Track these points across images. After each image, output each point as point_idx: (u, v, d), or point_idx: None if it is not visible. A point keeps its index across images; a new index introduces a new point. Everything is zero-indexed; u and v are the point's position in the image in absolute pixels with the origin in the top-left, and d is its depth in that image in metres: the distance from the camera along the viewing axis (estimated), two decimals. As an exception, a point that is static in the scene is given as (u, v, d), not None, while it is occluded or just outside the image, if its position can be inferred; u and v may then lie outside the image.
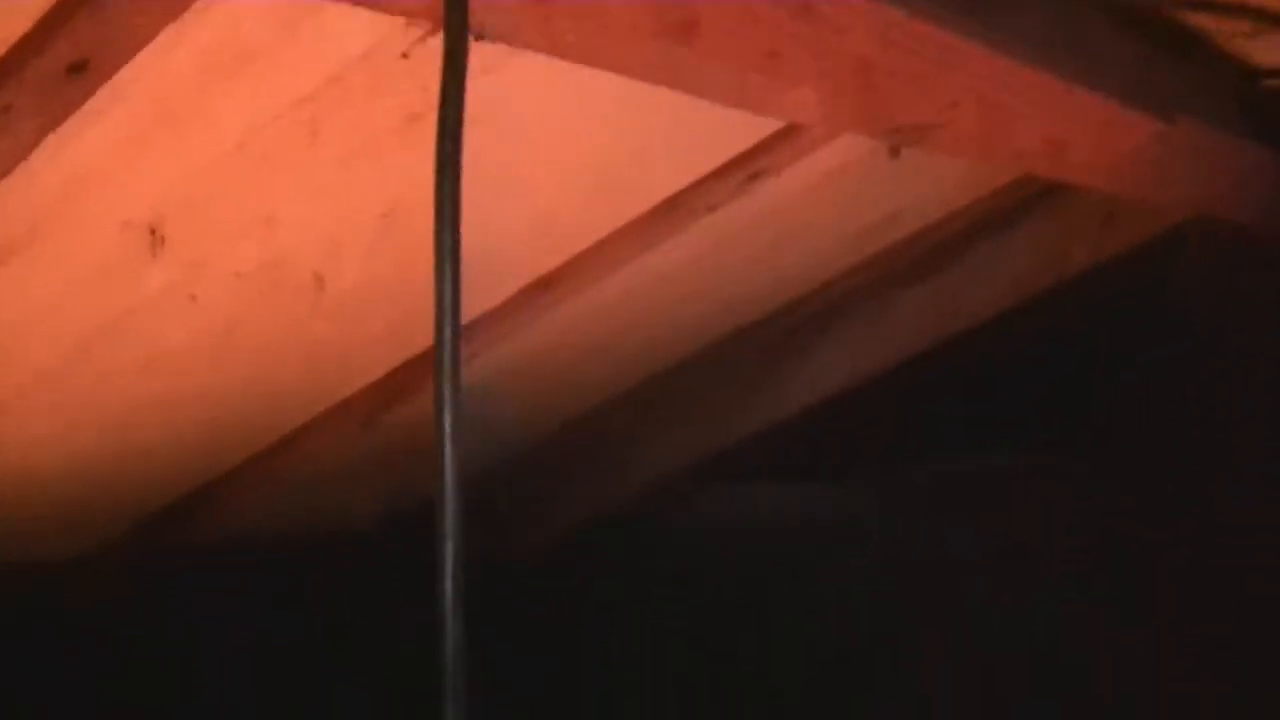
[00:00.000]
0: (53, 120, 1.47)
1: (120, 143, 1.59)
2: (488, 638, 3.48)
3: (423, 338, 2.45)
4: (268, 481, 2.76)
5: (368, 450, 2.77)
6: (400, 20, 1.58)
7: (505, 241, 2.22)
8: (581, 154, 2.08)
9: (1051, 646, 3.18)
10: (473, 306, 2.40)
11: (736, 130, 2.12)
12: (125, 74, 1.44)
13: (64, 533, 2.86)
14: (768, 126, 2.09)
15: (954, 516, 3.24)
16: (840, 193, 2.48)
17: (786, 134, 2.10)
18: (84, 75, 1.40)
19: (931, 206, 2.78)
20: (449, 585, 1.34)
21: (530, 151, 2.02)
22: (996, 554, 3.23)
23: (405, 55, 1.65)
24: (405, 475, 3.17)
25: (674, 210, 2.26)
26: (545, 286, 2.37)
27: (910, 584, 3.23)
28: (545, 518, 3.45)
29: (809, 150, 2.15)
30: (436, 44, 1.40)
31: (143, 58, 1.43)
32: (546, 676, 3.47)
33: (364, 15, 1.46)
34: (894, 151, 2.11)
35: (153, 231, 1.74)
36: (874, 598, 3.25)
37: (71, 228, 1.69)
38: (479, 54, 1.41)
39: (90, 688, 3.10)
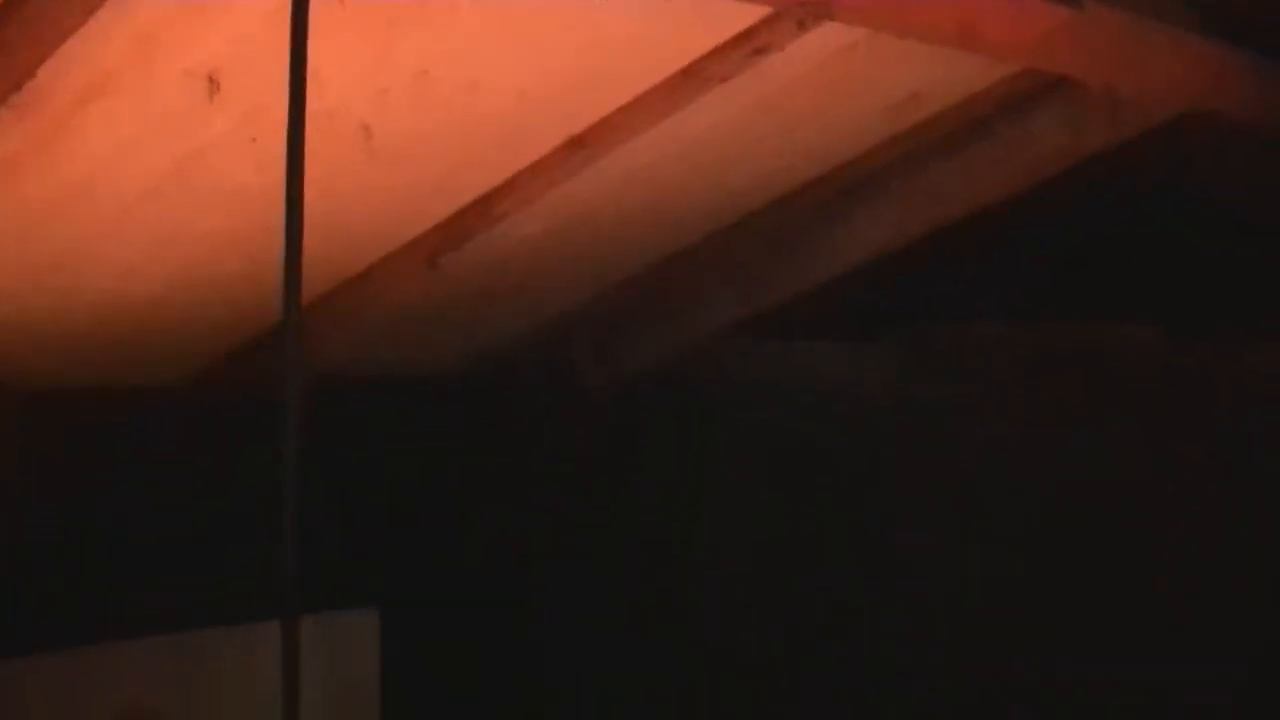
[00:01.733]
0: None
1: None
2: (556, 465, 3.79)
3: (471, 189, 2.77)
4: (342, 320, 3.07)
5: (433, 292, 3.06)
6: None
7: (537, 103, 2.50)
8: (600, 25, 2.35)
9: (1068, 498, 3.39)
10: (509, 163, 2.70)
11: (739, 11, 2.38)
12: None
13: (163, 361, 3.18)
14: (764, 10, 2.35)
15: (975, 376, 3.47)
16: (851, 73, 2.72)
17: (780, 16, 2.36)
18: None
19: (950, 90, 3.02)
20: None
21: (555, 21, 2.30)
22: (1019, 411, 3.45)
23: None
24: (474, 321, 3.48)
25: (689, 79, 2.53)
26: (579, 145, 2.64)
27: (933, 433, 3.48)
28: (612, 362, 3.74)
29: (803, 30, 2.40)
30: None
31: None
32: (607, 505, 3.76)
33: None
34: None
35: (210, 79, 2.04)
36: (901, 447, 3.51)
37: (141, 74, 2.00)
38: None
39: (174, 510, 3.41)
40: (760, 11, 2.35)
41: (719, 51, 2.48)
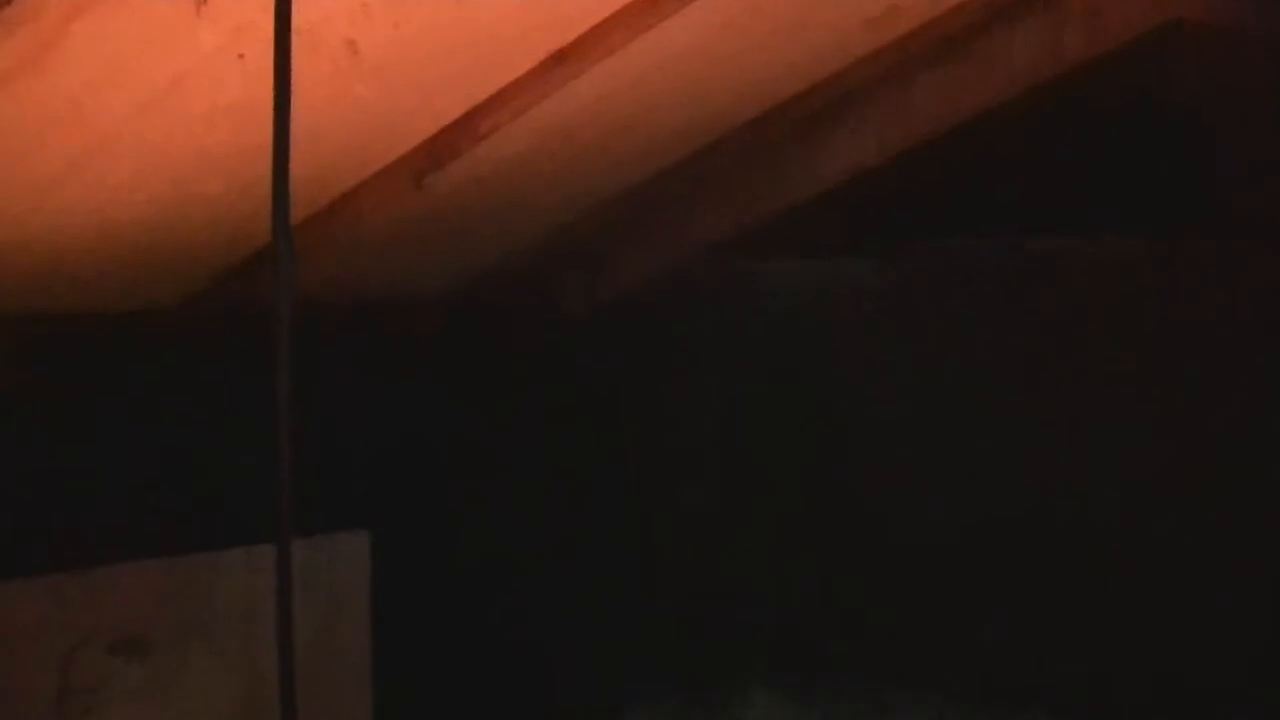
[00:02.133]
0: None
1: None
2: (541, 388, 3.79)
3: (455, 106, 2.77)
4: (329, 242, 3.08)
5: (419, 213, 3.07)
6: None
7: (520, 17, 2.50)
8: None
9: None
10: (493, 79, 2.71)
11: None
12: None
13: (149, 284, 3.19)
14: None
15: (957, 291, 3.50)
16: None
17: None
18: None
19: (930, 3, 3.03)
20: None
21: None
22: (1000, 325, 3.48)
23: None
24: (461, 243, 3.49)
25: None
26: (561, 59, 2.65)
27: (915, 348, 3.50)
28: (597, 283, 3.76)
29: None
30: None
31: None
32: (601, 419, 3.79)
33: None
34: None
35: (196, -8, 2.05)
36: (883, 362, 3.54)
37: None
38: None
39: (166, 435, 3.43)
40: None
41: (700, -37, 2.49)
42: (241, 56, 2.25)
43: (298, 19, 1.94)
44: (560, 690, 3.78)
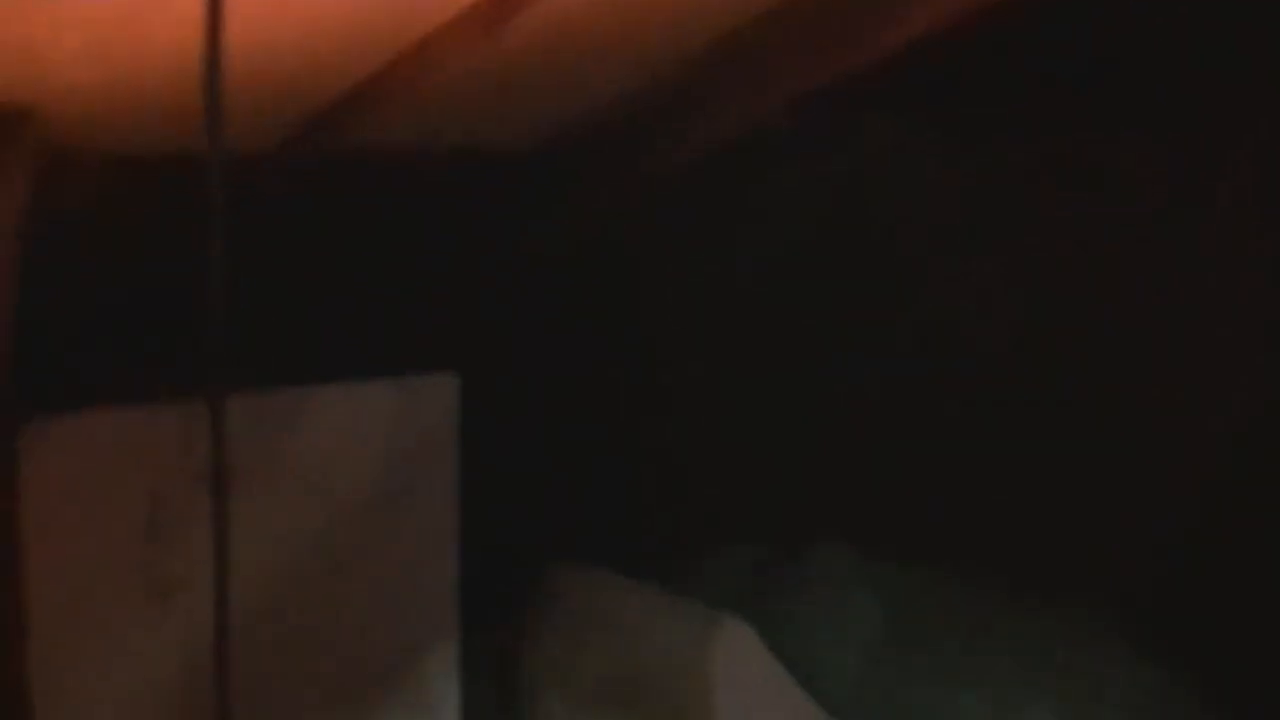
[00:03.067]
0: None
1: None
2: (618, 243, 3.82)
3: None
4: (402, 93, 3.12)
5: (490, 64, 3.10)
6: None
7: None
8: None
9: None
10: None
11: None
12: None
13: (245, 127, 3.26)
14: None
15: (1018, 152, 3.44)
16: None
17: None
18: None
19: None
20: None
21: None
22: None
23: None
24: (539, 97, 3.52)
25: None
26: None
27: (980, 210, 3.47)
28: (684, 137, 3.77)
29: None
30: None
31: None
32: (668, 281, 3.83)
33: None
34: None
35: None
36: (947, 221, 3.53)
37: None
38: None
39: (255, 273, 3.51)
40: None
41: None
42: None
43: None
44: (640, 536, 3.85)
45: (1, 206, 3.00)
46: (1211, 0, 3.23)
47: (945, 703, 3.52)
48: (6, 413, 3.09)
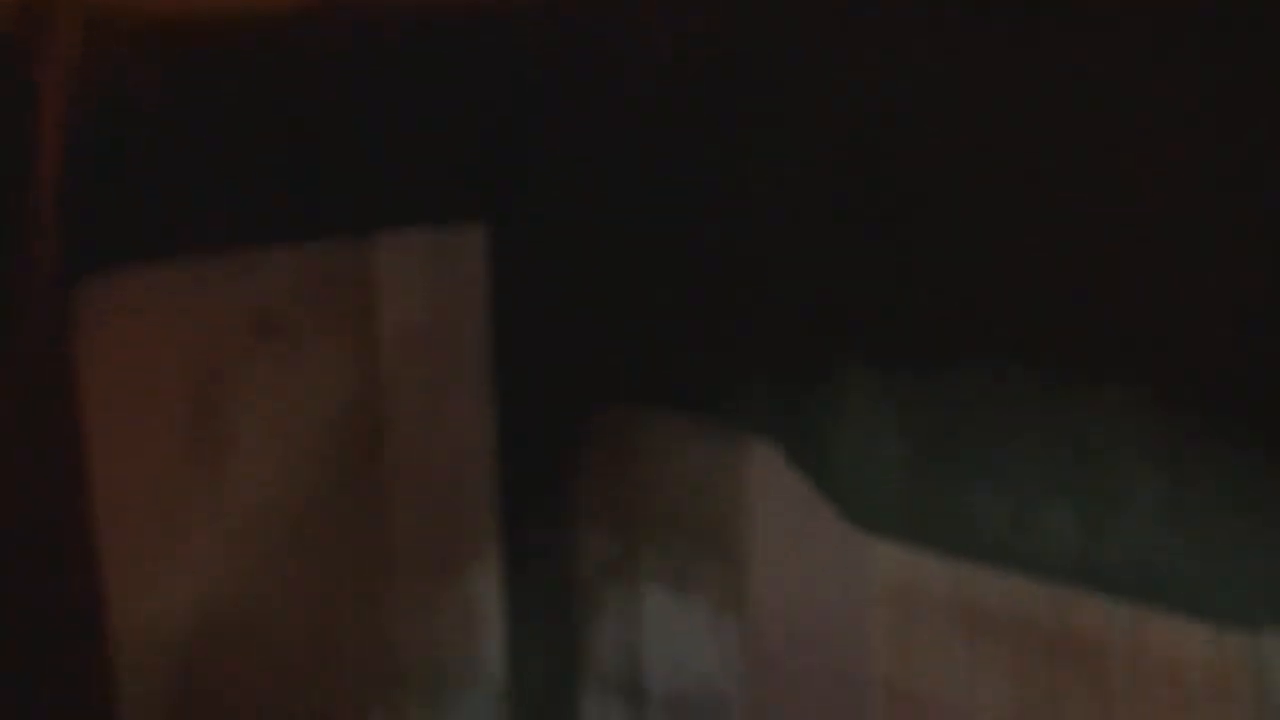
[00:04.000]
0: None
1: None
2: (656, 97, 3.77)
3: None
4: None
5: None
6: None
7: None
8: None
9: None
10: None
11: None
12: None
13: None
14: None
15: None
16: None
17: None
18: None
19: None
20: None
21: None
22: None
23: None
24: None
25: None
26: None
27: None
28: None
29: None
30: None
31: None
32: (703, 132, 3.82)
33: None
34: None
35: None
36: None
37: None
38: None
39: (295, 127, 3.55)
40: None
41: None
42: None
43: None
44: (672, 369, 3.88)
45: (51, 60, 3.04)
46: None
47: (967, 507, 3.54)
48: (61, 271, 3.15)
